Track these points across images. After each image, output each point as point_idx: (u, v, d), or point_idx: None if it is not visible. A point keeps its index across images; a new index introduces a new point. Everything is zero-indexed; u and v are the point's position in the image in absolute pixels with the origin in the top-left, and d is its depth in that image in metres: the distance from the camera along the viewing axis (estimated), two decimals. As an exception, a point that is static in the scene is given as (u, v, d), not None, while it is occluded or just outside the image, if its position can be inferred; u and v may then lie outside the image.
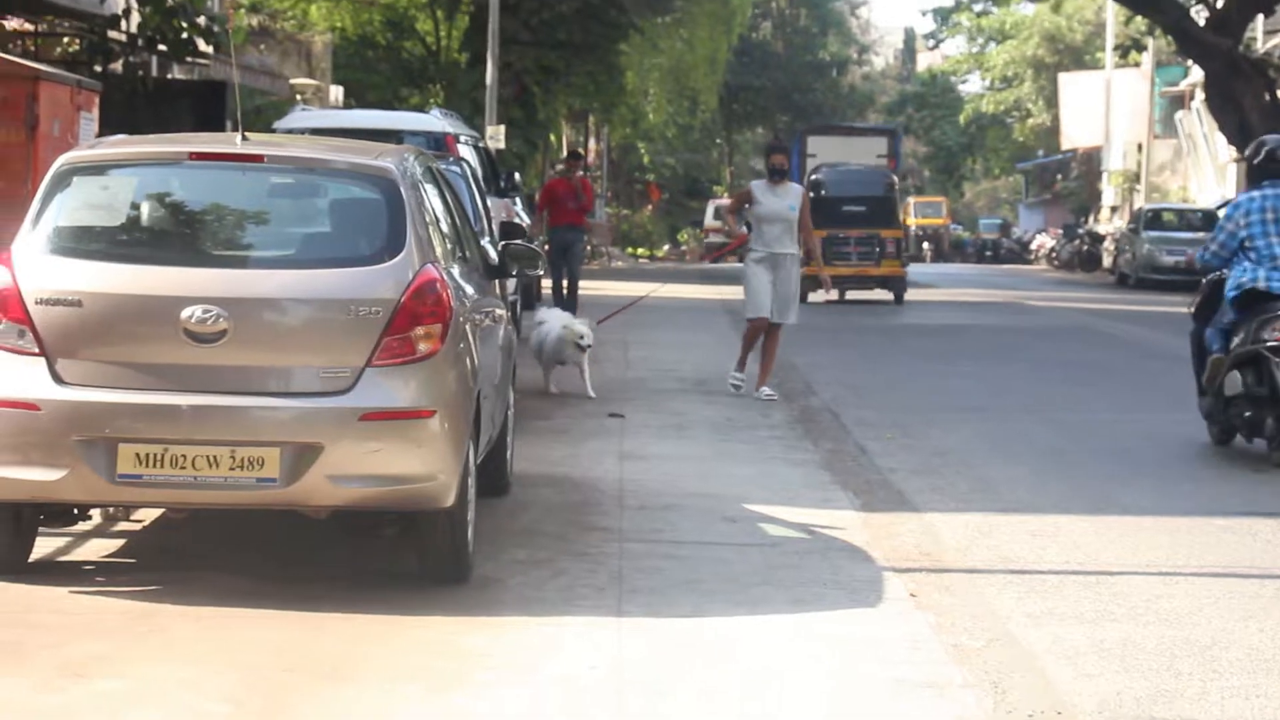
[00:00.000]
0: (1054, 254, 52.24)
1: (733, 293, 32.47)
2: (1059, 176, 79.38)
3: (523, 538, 8.78)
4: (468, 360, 7.83)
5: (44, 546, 8.07)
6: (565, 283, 22.56)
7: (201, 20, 16.08)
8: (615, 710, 6.09)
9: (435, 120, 16.95)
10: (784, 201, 14.36)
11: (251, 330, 7.34)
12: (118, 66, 16.50)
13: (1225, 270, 11.69)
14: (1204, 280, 12.27)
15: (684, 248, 64.73)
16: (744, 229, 15.09)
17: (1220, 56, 42.04)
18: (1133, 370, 18.54)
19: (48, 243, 7.54)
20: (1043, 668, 6.67)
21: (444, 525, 7.67)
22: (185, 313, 7.27)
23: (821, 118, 77.84)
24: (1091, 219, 62.49)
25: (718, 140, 77.21)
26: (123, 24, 16.38)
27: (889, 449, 11.94)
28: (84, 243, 7.63)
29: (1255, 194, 11.64)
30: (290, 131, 15.52)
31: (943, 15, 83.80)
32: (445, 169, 10.85)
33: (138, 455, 7.24)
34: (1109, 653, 6.85)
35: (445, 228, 8.42)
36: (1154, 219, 42.29)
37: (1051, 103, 70.90)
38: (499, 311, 9.25)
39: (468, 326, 7.94)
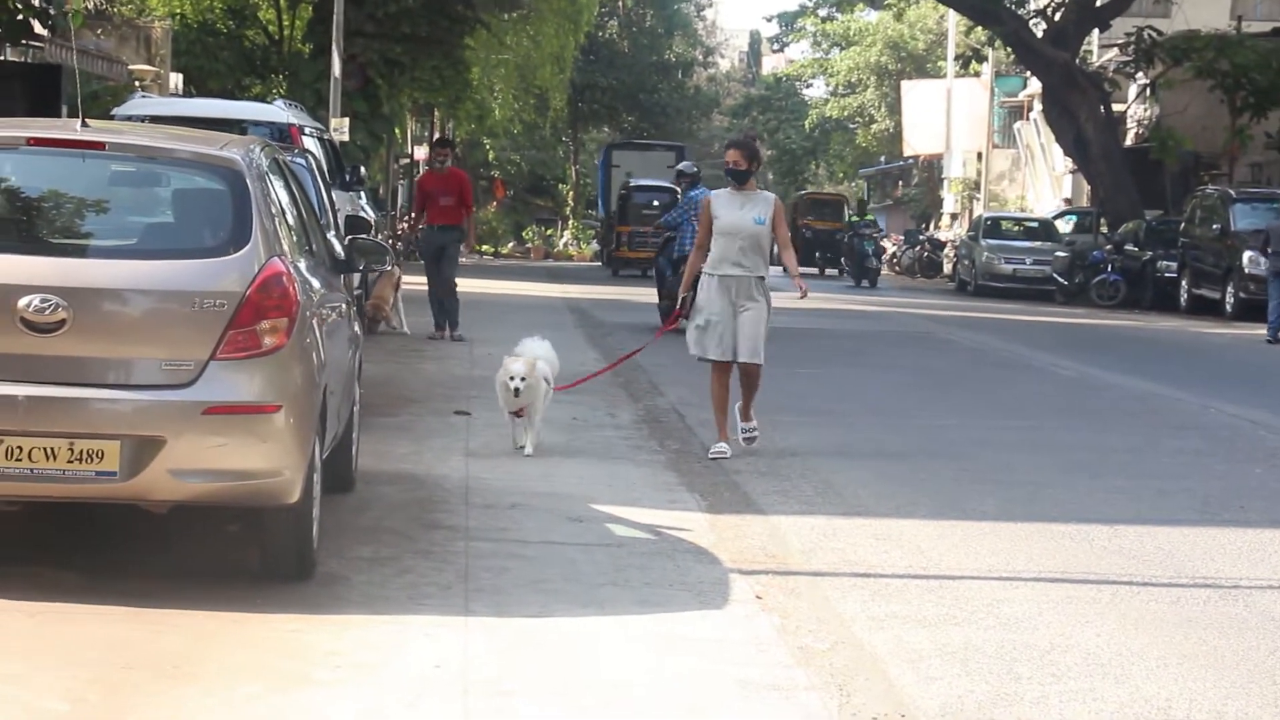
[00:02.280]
0: (895, 260, 52.84)
1: (577, 291, 32.61)
2: (899, 182, 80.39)
3: (367, 535, 8.71)
4: (314, 355, 7.75)
5: None
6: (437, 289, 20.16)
7: (37, 1, 15.71)
8: (460, 710, 6.06)
9: (279, 111, 16.75)
10: (748, 212, 11.70)
11: (91, 320, 7.21)
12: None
13: None
14: None
15: (528, 245, 64.59)
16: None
17: (1058, 69, 42.92)
18: (970, 377, 18.82)
19: (-122, 228, 7.34)
20: (886, 671, 6.75)
21: (288, 521, 7.59)
22: (22, 301, 7.11)
23: (666, 119, 78.32)
24: (932, 226, 63.29)
25: (564, 138, 77.18)
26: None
27: (733, 451, 12.00)
28: None
29: None
30: (129, 118, 15.26)
31: (787, 20, 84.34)
32: (290, 161, 10.72)
33: (-28, 446, 7.08)
34: (951, 656, 6.95)
35: (292, 221, 8.33)
36: (993, 227, 43.00)
37: (894, 109, 71.74)
38: (345, 306, 9.18)
39: (314, 321, 7.86)
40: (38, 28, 16.80)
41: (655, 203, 38.82)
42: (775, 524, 9.60)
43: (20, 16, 15.52)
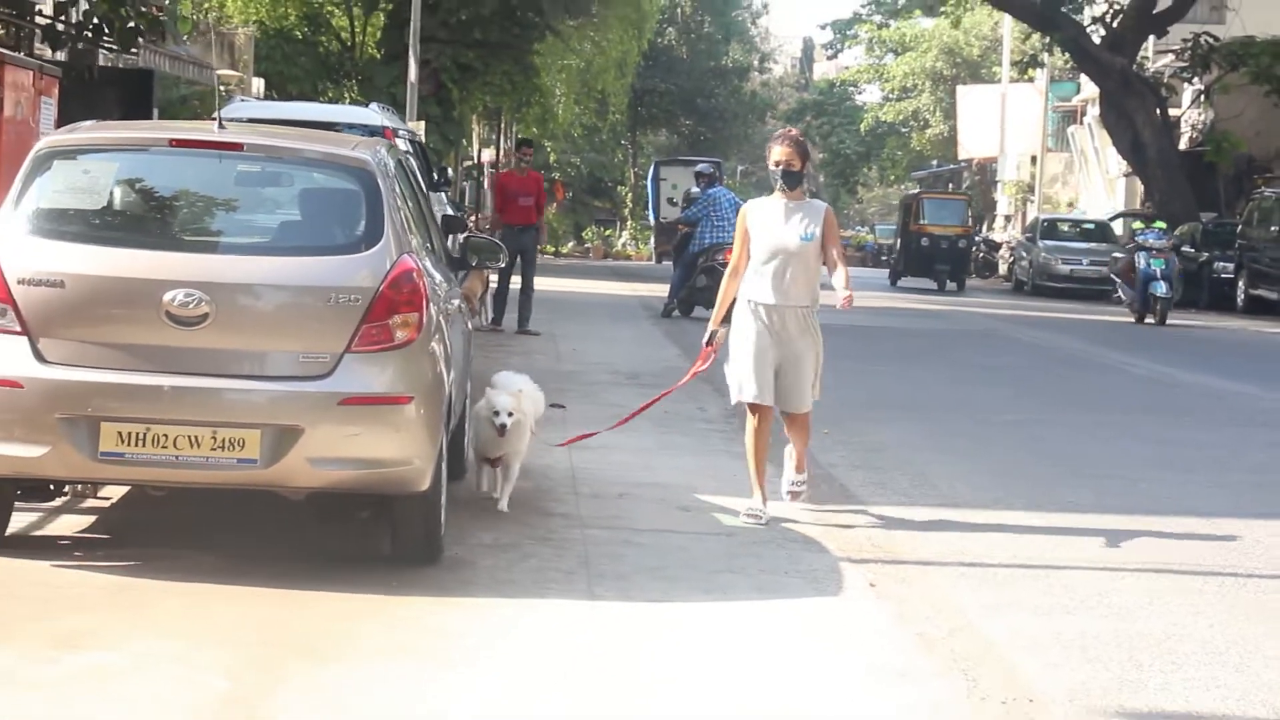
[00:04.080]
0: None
1: (645, 289, 32.64)
2: (950, 185, 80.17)
3: (486, 521, 8.79)
4: (441, 348, 7.84)
5: (18, 521, 7.99)
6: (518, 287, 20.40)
7: (146, 10, 15.89)
8: (603, 693, 6.11)
9: (374, 114, 16.84)
10: (796, 226, 9.19)
11: (232, 314, 7.31)
12: (61, 54, 16.29)
13: None
14: None
15: (588, 245, 64.72)
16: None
17: (1115, 75, 42.75)
18: (1045, 374, 18.80)
19: (29, 224, 7.47)
20: (1008, 657, 6.76)
21: (418, 508, 7.68)
22: (167, 296, 7.22)
23: (724, 123, 78.54)
24: (985, 227, 63.11)
25: (622, 141, 77.30)
26: (71, 13, 16.16)
27: (825, 444, 12.02)
28: (66, 225, 7.57)
29: None
30: (232, 121, 15.35)
31: (841, 28, 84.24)
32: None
33: (120, 434, 7.19)
34: (1069, 644, 6.96)
35: (415, 219, 8.42)
36: (1050, 229, 42.87)
37: (949, 114, 71.58)
38: (461, 302, 9.26)
39: (440, 316, 7.95)
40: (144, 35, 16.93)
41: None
42: (877, 514, 9.63)
43: (132, 24, 15.68)
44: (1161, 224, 29.91)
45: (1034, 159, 60.54)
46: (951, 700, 6.18)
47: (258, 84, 30.97)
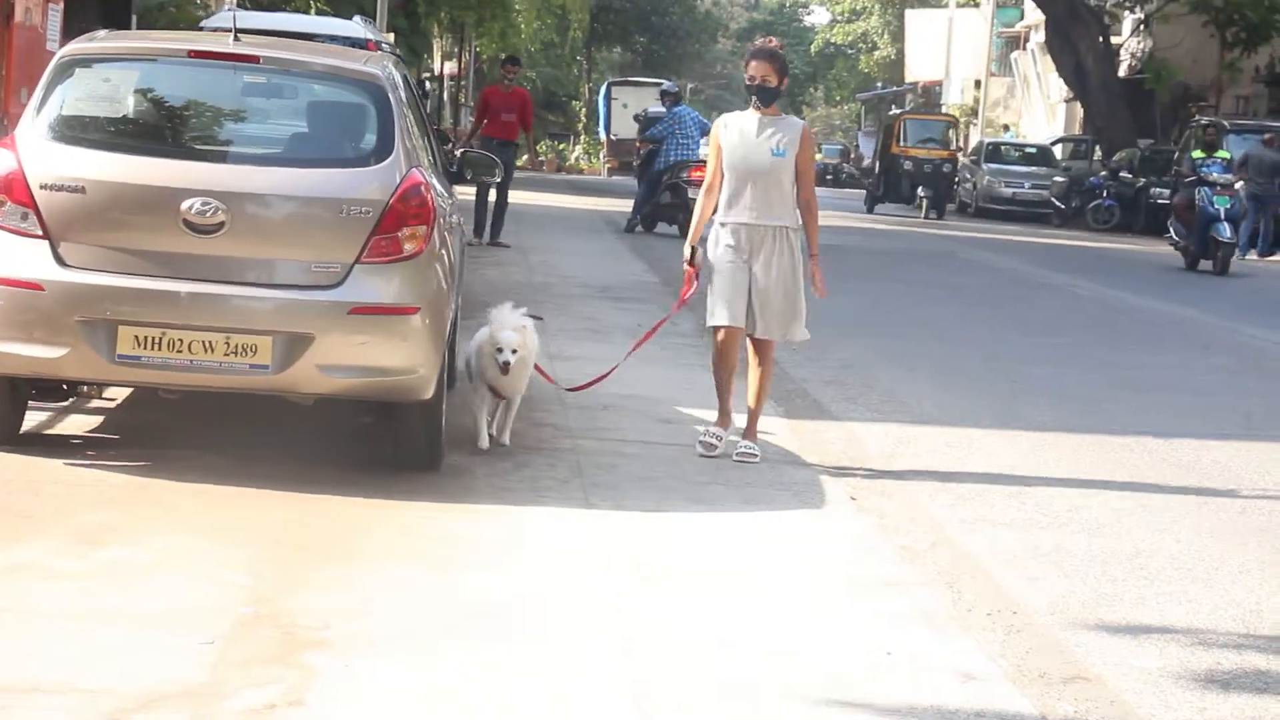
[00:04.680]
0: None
1: (605, 204, 32.60)
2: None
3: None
4: (445, 260, 7.87)
5: (29, 420, 8.00)
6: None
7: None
8: (611, 589, 6.19)
9: (357, 27, 16.67)
10: (767, 141, 8.58)
11: (247, 223, 7.31)
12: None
13: None
14: None
15: (542, 159, 64.40)
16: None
17: (1061, 2, 42.75)
18: (998, 295, 18.97)
19: (51, 131, 7.44)
20: (988, 570, 6.88)
21: (421, 416, 7.73)
22: (185, 204, 7.21)
23: (677, 41, 78.15)
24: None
25: (578, 57, 76.78)
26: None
27: (796, 360, 12.10)
28: (87, 132, 7.55)
29: None
30: (216, 31, 15.22)
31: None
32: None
33: (137, 337, 7.20)
34: (1044, 558, 7.09)
35: (419, 133, 8.42)
36: (994, 152, 43.00)
37: (896, 37, 71.49)
38: (459, 217, 9.28)
39: (445, 229, 7.97)
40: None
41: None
42: (850, 430, 9.74)
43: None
44: (1225, 154, 25.58)
45: (978, 83, 60.55)
46: (939, 610, 6.29)
47: (230, -8, 30.61)
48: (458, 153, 9.79)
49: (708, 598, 6.22)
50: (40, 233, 7.23)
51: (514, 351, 8.36)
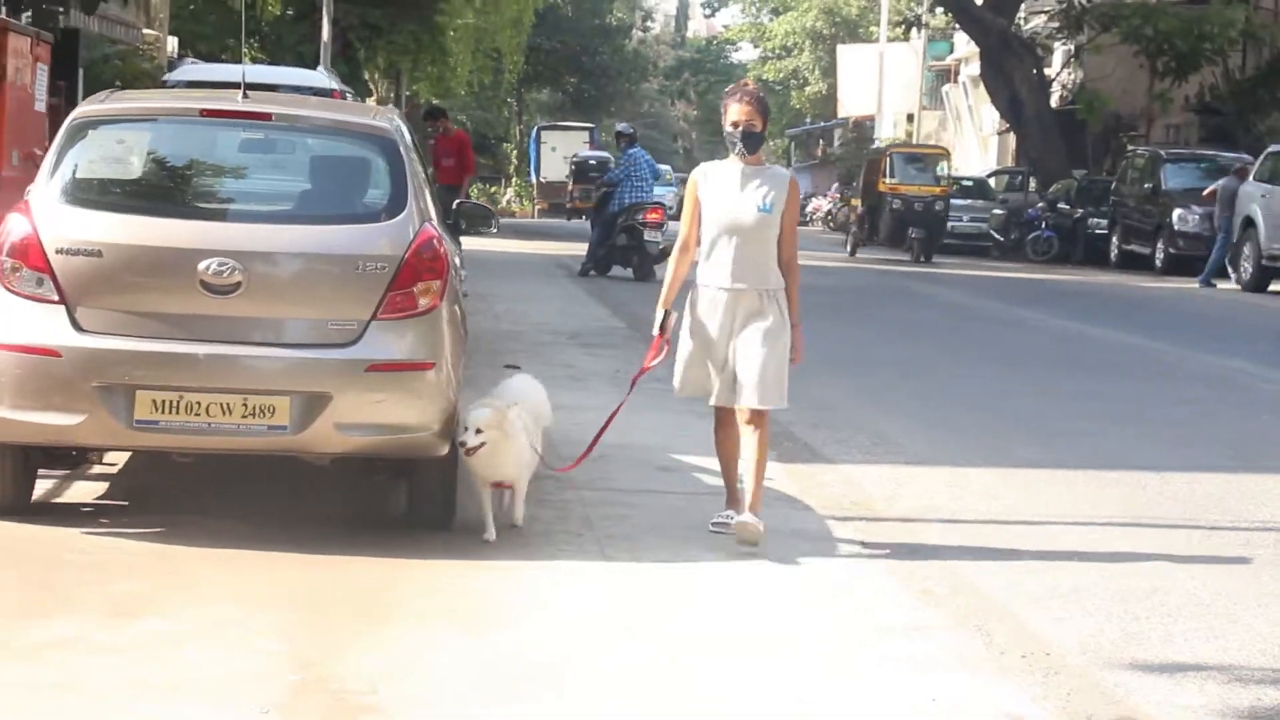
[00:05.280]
0: (830, 216, 53.18)
1: (551, 247, 32.63)
2: (821, 141, 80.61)
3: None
4: (458, 315, 7.91)
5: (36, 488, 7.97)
6: None
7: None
8: (643, 655, 6.20)
9: (322, 77, 16.71)
10: (750, 196, 7.78)
11: (264, 283, 7.31)
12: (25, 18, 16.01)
13: None
14: None
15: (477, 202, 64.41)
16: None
17: (995, 34, 43.28)
18: (960, 331, 19.13)
19: (65, 194, 7.44)
20: (1014, 611, 6.94)
21: (435, 472, 7.74)
22: (202, 264, 7.21)
23: (607, 80, 78.46)
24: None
25: (508, 99, 76.88)
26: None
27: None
28: (102, 194, 7.56)
29: None
30: (192, 83, 15.19)
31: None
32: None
33: (154, 401, 7.19)
34: (1065, 598, 7.17)
35: (426, 186, 8.46)
36: (931, 186, 43.18)
37: (827, 72, 72.04)
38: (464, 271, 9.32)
39: (455, 283, 8.00)
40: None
41: (593, 171, 45.17)
42: (847, 473, 9.81)
43: (93, -13, 15.45)
44: None
45: (910, 117, 61.09)
46: (972, 654, 6.35)
47: (172, 42, 30.52)
48: (454, 204, 9.81)
49: (736, 654, 6.21)
50: (56, 298, 7.21)
51: (479, 431, 7.57)
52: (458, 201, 9.90)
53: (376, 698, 5.49)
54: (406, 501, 7.91)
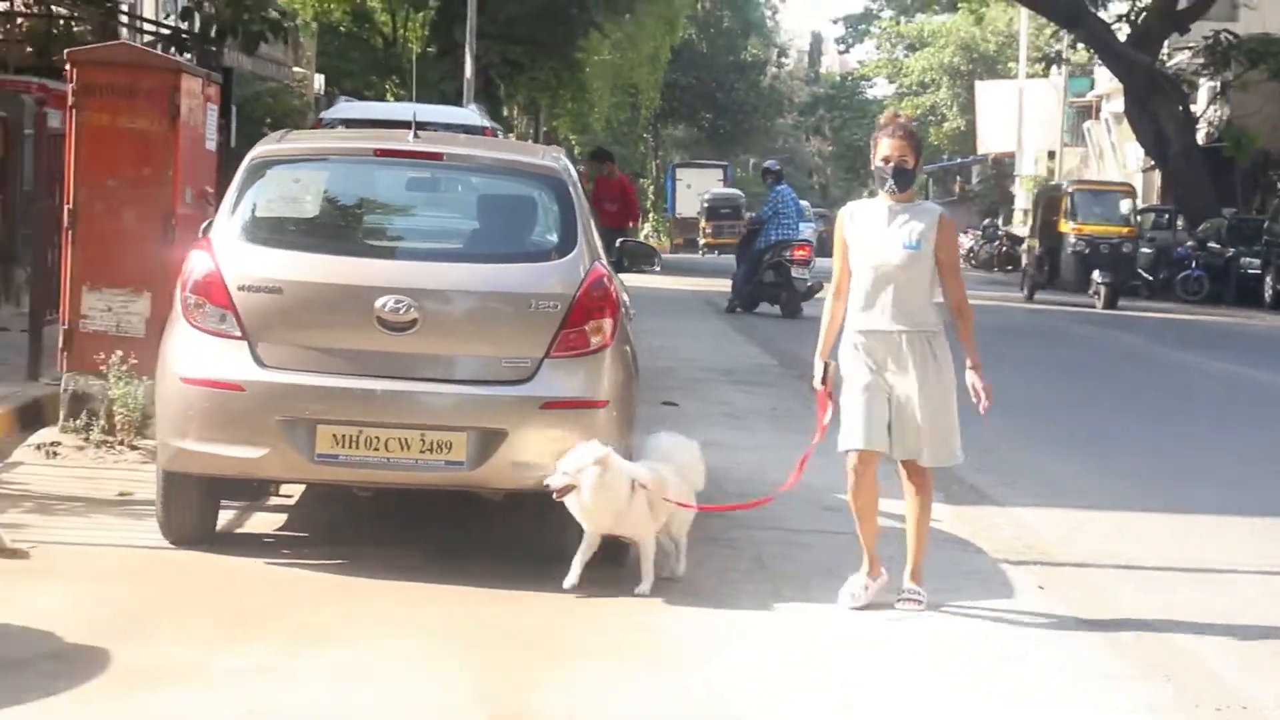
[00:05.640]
0: (972, 254, 52.88)
1: (696, 283, 32.69)
2: (959, 178, 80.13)
3: (652, 523, 8.83)
4: (629, 352, 7.94)
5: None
6: None
7: (272, 13, 16.01)
8: (838, 686, 6.20)
9: (473, 115, 16.95)
10: (897, 234, 7.31)
11: (440, 320, 7.40)
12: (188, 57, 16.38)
13: None
14: None
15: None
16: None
17: (1140, 71, 42.74)
18: (1123, 372, 18.91)
19: (245, 232, 7.57)
20: (1201, 661, 6.82)
21: (610, 510, 7.74)
22: (379, 302, 7.31)
23: (743, 116, 78.91)
24: (1000, 221, 63.15)
25: (644, 135, 77.34)
26: (195, 18, 16.18)
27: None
28: (281, 232, 7.70)
29: None
30: (347, 121, 15.47)
31: (854, 23, 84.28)
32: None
33: (335, 436, 7.29)
34: (1255, 648, 7.04)
35: (594, 226, 8.51)
36: (1077, 224, 42.70)
37: (965, 109, 71.56)
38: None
39: (625, 322, 8.03)
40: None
41: (725, 208, 51.04)
42: (1018, 516, 9.70)
43: (257, 28, 15.79)
44: None
45: (1051, 154, 60.55)
46: (1165, 706, 6.23)
47: (319, 80, 31.08)
48: (616, 243, 9.86)
49: (921, 699, 6.17)
50: (239, 334, 7.34)
51: (564, 474, 7.20)
52: (620, 240, 9.93)
53: (570, 733, 5.51)
54: (574, 538, 7.90)
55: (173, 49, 15.40)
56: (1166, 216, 43.32)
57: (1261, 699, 6.33)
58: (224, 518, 8.22)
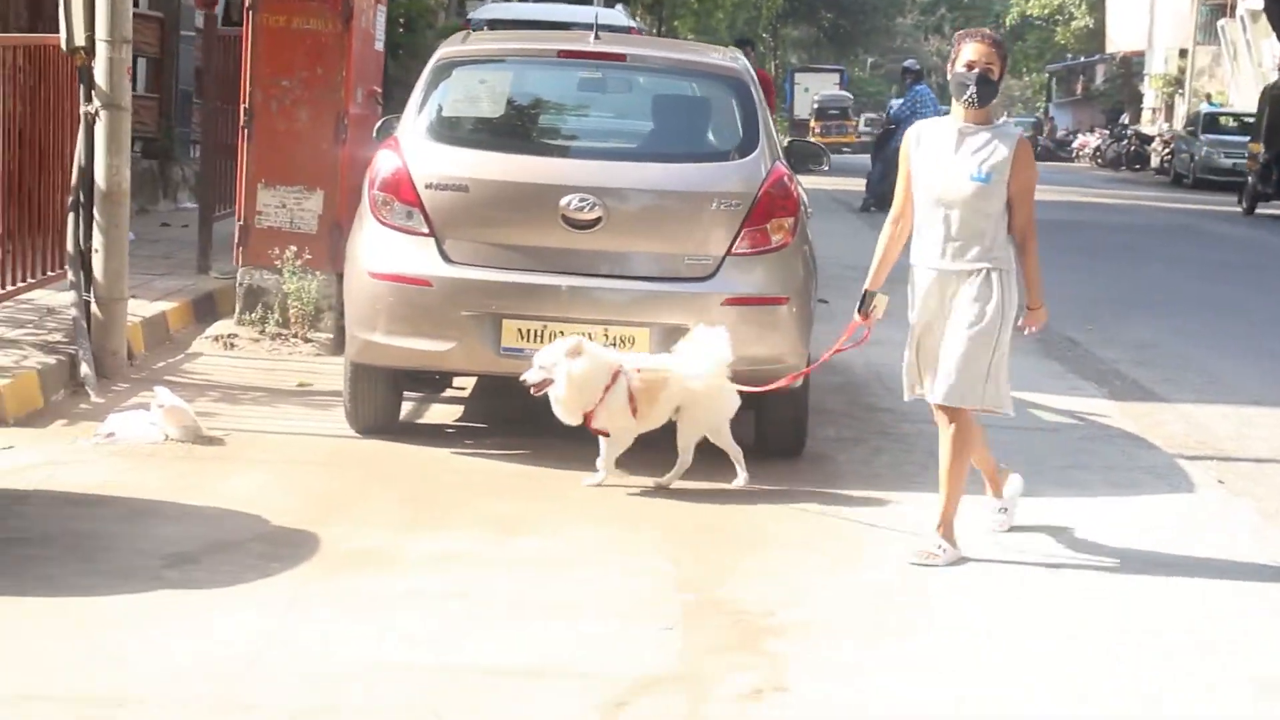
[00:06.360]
0: (1099, 152, 52.18)
1: (821, 182, 32.47)
2: (1082, 77, 78.81)
3: (819, 416, 8.89)
4: (809, 251, 7.98)
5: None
6: None
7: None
8: (1017, 568, 6.26)
9: (620, 15, 16.95)
10: (965, 161, 6.43)
11: (623, 218, 7.49)
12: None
13: None
14: None
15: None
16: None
17: (1281, -33, 41.76)
18: (1268, 271, 18.62)
19: (432, 131, 7.68)
20: None
21: (788, 403, 7.85)
22: (563, 200, 7.41)
23: (863, 15, 78.10)
24: (1127, 119, 62.14)
25: (764, 34, 76.65)
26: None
27: (1095, 341, 12.05)
28: (467, 132, 7.81)
29: None
30: (492, 22, 15.52)
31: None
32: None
33: (520, 330, 7.42)
34: None
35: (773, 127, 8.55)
36: (1211, 122, 42.10)
37: (1094, 6, 70.35)
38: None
39: (805, 220, 8.07)
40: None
41: (833, 109, 58.79)
42: (1185, 412, 9.67)
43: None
44: None
45: (1182, 52, 59.40)
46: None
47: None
48: (785, 142, 9.87)
49: (1121, 596, 6.18)
50: (426, 230, 7.46)
51: (541, 368, 7.03)
52: (790, 139, 9.94)
53: (774, 620, 5.60)
54: (756, 431, 8.01)
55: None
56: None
57: None
58: (405, 409, 8.40)
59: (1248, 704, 5.11)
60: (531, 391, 7.11)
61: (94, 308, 8.67)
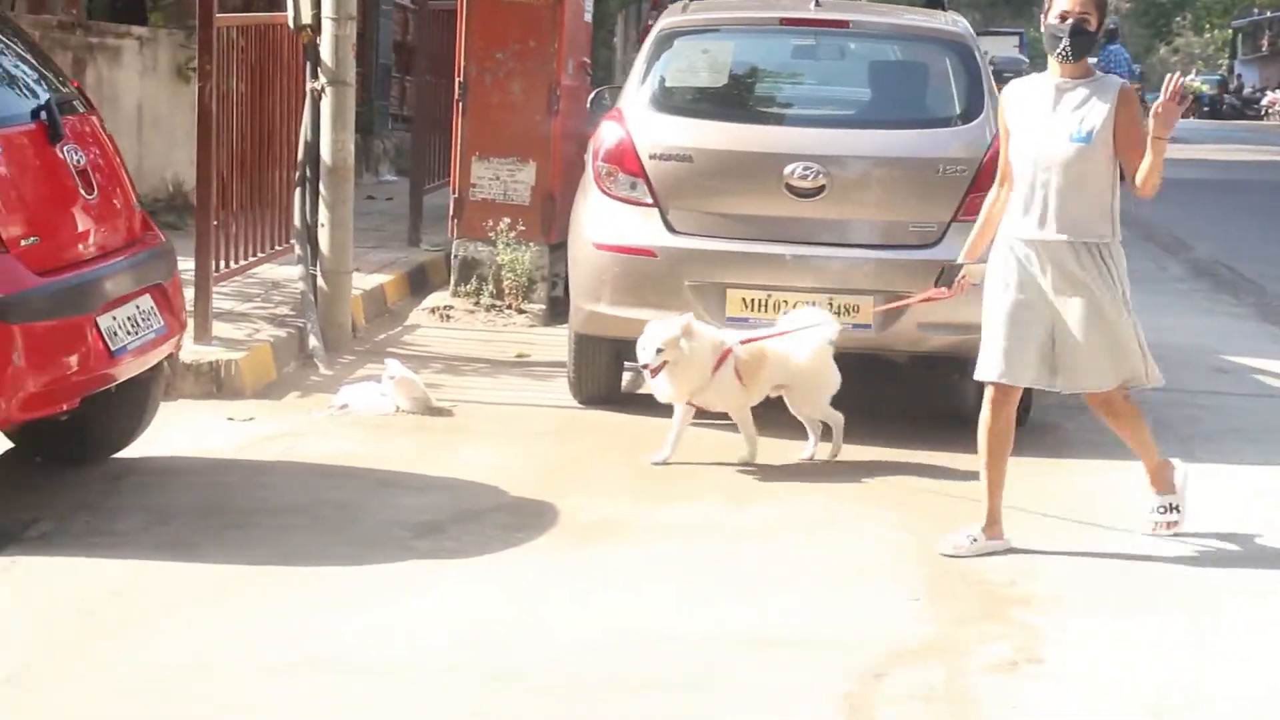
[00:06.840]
0: (1289, 111, 50.94)
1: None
2: (1268, 32, 76.82)
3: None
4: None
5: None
6: None
7: None
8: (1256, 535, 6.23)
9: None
10: (1065, 120, 5.92)
11: (847, 186, 7.46)
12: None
13: None
14: None
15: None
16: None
17: None
18: None
19: (655, 101, 7.72)
20: None
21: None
22: (787, 169, 7.40)
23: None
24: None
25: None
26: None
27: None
28: (690, 102, 7.83)
29: None
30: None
31: None
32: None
33: (744, 300, 7.44)
34: None
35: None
36: None
37: (1286, -42, 68.51)
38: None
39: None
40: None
41: (1007, 74, 49.44)
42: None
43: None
44: None
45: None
46: None
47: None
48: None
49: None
50: (650, 201, 7.50)
51: (659, 351, 6.79)
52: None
53: (1017, 590, 5.58)
54: (975, 401, 7.92)
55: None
56: None
57: None
58: (624, 379, 8.45)
59: None
60: (650, 376, 6.86)
61: (320, 281, 8.84)
